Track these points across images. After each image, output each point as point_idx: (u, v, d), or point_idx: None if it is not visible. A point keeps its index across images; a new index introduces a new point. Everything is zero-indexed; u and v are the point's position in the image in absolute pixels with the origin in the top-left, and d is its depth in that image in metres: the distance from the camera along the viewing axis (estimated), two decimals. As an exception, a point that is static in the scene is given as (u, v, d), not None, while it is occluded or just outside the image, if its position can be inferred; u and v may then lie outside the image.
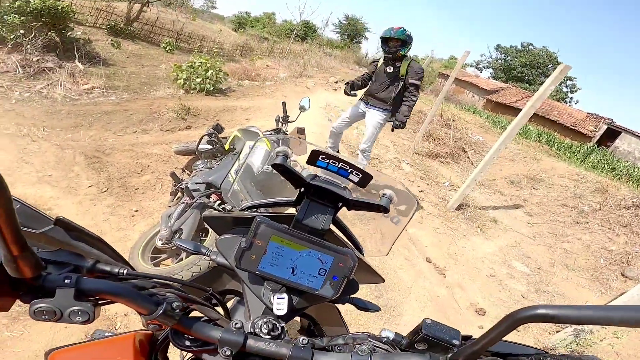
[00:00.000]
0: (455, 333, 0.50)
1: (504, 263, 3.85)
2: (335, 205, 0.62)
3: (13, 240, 0.34)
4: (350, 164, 0.58)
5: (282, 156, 0.59)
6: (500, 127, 10.57)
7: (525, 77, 30.29)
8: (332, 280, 0.59)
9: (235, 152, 2.71)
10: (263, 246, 0.56)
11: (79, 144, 3.83)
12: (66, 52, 7.73)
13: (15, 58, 6.35)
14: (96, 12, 11.66)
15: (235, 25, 30.31)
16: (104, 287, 0.44)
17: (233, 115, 5.91)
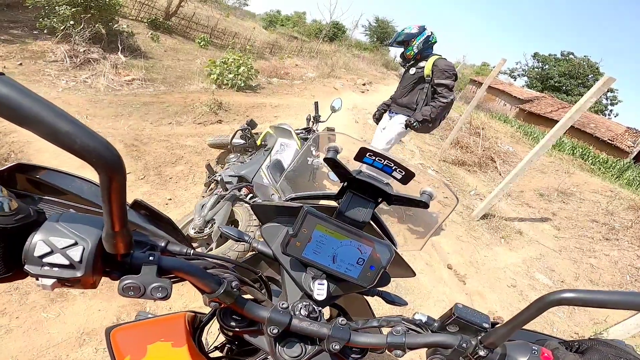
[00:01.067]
0: (485, 317, 0.53)
1: (527, 274, 3.78)
2: (376, 200, 0.66)
3: (118, 217, 0.36)
4: (395, 161, 0.61)
5: (333, 151, 0.63)
6: (533, 138, 10.18)
7: (562, 87, 28.90)
8: (369, 270, 0.62)
9: (267, 148, 2.78)
10: (308, 234, 0.60)
11: (118, 132, 4.05)
12: (110, 44, 8.14)
13: (63, 48, 6.76)
14: (139, 5, 12.16)
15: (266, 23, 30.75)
16: (180, 265, 0.47)
17: (262, 112, 6.03)
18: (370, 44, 32.41)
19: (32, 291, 1.86)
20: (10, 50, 6.54)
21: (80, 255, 0.38)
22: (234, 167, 2.63)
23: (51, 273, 0.38)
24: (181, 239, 0.61)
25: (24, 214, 0.39)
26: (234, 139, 2.92)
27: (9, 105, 0.28)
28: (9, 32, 7.62)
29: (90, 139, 0.30)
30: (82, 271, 0.39)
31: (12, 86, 0.29)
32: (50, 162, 3.18)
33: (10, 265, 0.39)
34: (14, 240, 0.38)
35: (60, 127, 0.29)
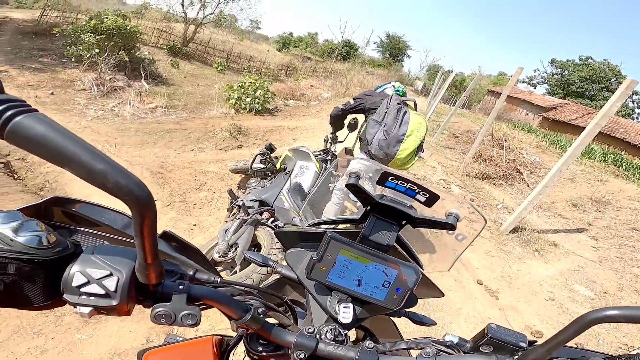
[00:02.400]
0: (522, 336, 0.51)
1: (565, 287, 3.59)
2: (399, 223, 0.65)
3: (150, 250, 0.38)
4: (418, 184, 0.61)
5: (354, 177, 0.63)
6: (560, 147, 9.83)
7: (585, 93, 28.03)
8: (395, 293, 0.62)
9: (286, 171, 2.80)
10: (332, 259, 0.61)
11: (145, 161, 4.18)
12: (134, 71, 8.56)
13: (91, 77, 7.16)
14: (157, 32, 12.83)
15: (279, 45, 31.77)
16: (208, 294, 0.49)
17: (281, 135, 6.11)
18: (383, 60, 32.74)
19: (66, 313, 1.92)
20: (41, 79, 6.98)
21: (115, 285, 0.41)
22: (255, 192, 2.66)
23: (88, 302, 0.41)
24: (208, 267, 0.62)
25: (61, 247, 0.42)
26: (254, 163, 2.95)
27: (45, 144, 0.29)
28: (39, 60, 8.18)
29: (123, 178, 0.32)
30: (117, 300, 0.41)
31: (48, 124, 0.30)
32: (82, 191, 3.30)
33: (50, 294, 0.42)
34: (53, 271, 0.41)
35: (95, 166, 0.30)
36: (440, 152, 7.54)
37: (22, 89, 6.39)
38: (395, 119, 2.52)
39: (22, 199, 2.93)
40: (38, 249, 0.39)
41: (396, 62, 33.47)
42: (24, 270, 0.39)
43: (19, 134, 0.29)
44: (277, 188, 2.56)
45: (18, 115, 0.29)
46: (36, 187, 3.34)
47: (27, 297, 0.41)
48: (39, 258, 0.39)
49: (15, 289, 0.39)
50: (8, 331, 1.75)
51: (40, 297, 0.41)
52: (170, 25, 14.22)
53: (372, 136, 2.54)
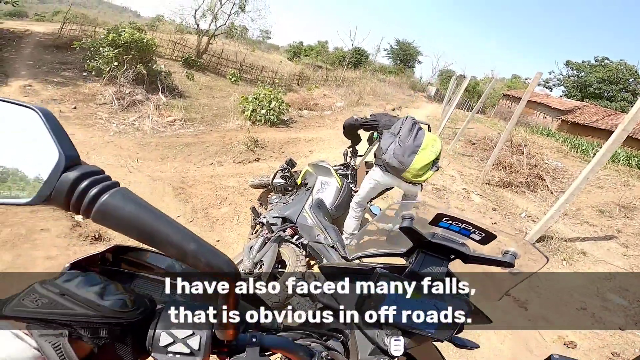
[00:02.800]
0: None
1: (597, 296, 3.48)
2: (449, 258, 0.65)
3: (232, 315, 0.42)
4: (473, 224, 0.60)
5: (408, 219, 0.63)
6: (581, 151, 9.56)
7: (604, 94, 27.35)
8: (446, 325, 0.62)
9: (307, 187, 2.81)
10: (382, 295, 0.61)
11: (166, 175, 4.25)
12: (151, 84, 8.77)
13: (111, 90, 7.35)
14: (172, 44, 13.15)
15: (290, 55, 32.14)
16: (278, 343, 0.51)
17: (297, 147, 6.13)
18: (394, 67, 32.69)
19: None
20: (64, 93, 7.21)
21: (199, 344, 0.43)
22: (277, 209, 2.68)
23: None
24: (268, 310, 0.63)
25: (143, 307, 0.44)
26: (275, 179, 2.97)
27: (136, 225, 0.29)
28: (61, 74, 8.47)
29: (214, 258, 0.34)
30: (201, 357, 0.43)
31: (135, 202, 0.30)
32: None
33: (138, 352, 0.44)
34: (139, 330, 0.43)
35: (187, 247, 0.32)
36: (458, 160, 7.42)
37: (46, 103, 6.61)
38: (409, 132, 2.55)
39: (51, 216, 2.97)
40: (124, 312, 0.41)
41: (407, 68, 33.36)
42: (114, 332, 0.41)
43: (107, 213, 0.28)
44: (300, 204, 2.57)
45: (104, 194, 0.28)
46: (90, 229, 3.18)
47: (119, 357, 0.43)
48: (126, 320, 0.41)
49: (108, 350, 0.42)
50: None
51: (130, 355, 0.44)
52: (184, 37, 14.58)
53: (386, 146, 2.56)
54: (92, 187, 0.29)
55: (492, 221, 4.85)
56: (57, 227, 2.83)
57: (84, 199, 0.29)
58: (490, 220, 4.90)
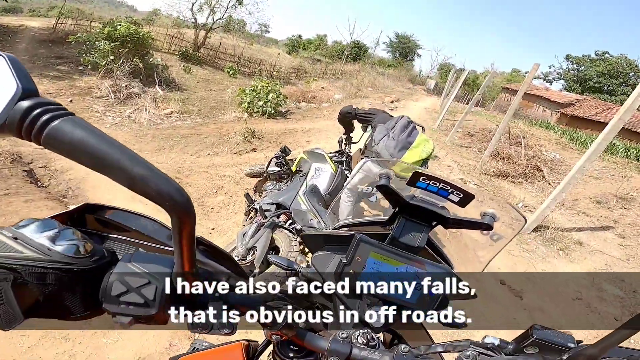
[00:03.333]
0: (569, 337, 0.50)
1: (593, 286, 3.50)
2: (430, 224, 0.64)
3: (188, 258, 0.39)
4: (451, 184, 0.59)
5: (385, 178, 0.62)
6: (580, 143, 9.55)
7: (604, 88, 27.30)
8: (428, 296, 0.60)
9: (302, 173, 2.80)
10: (362, 262, 0.60)
11: (162, 166, 4.23)
12: (148, 77, 8.71)
13: (107, 84, 7.30)
14: (169, 38, 13.03)
15: (289, 48, 31.91)
16: (243, 300, 0.48)
17: (294, 138, 6.12)
18: (393, 60, 32.50)
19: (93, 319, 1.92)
20: (60, 87, 7.16)
21: (154, 294, 0.41)
22: (272, 195, 2.67)
23: (127, 311, 0.41)
24: (240, 272, 0.62)
25: (98, 255, 0.41)
26: (269, 167, 2.97)
27: (84, 149, 0.28)
28: (56, 68, 8.41)
29: (164, 184, 0.31)
30: (156, 309, 0.41)
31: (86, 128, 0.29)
32: (104, 196, 3.37)
33: (89, 304, 0.41)
34: (91, 280, 0.41)
35: (136, 172, 0.30)
36: (455, 151, 7.42)
37: (42, 97, 6.59)
38: (404, 128, 2.56)
39: (46, 205, 2.99)
40: (76, 258, 0.39)
41: (406, 61, 33.17)
42: (63, 280, 0.38)
43: (57, 139, 0.28)
44: (294, 191, 2.56)
45: (55, 120, 0.28)
46: (59, 194, 3.41)
47: (67, 308, 0.40)
48: (77, 267, 0.39)
49: (55, 299, 0.39)
50: (36, 336, 1.77)
51: (80, 307, 0.41)
52: (181, 31, 14.44)
53: (379, 138, 2.56)
54: (44, 114, 0.29)
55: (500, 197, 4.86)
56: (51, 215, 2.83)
57: (35, 124, 0.28)
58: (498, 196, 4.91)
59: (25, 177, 3.45)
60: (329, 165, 2.77)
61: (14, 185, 3.17)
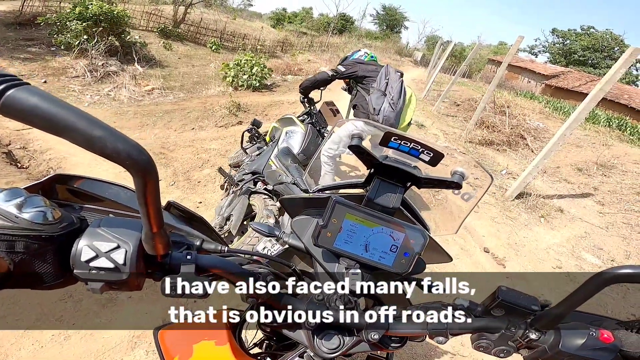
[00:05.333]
0: (533, 299, 0.51)
1: (572, 254, 3.60)
2: (404, 184, 0.64)
3: (155, 219, 0.38)
4: (422, 143, 0.59)
5: (357, 138, 0.62)
6: (563, 113, 9.72)
7: (588, 61, 27.58)
8: (403, 257, 0.61)
9: (274, 140, 2.81)
10: (338, 224, 0.59)
11: (146, 142, 4.14)
12: (126, 55, 8.33)
13: (83, 63, 6.96)
14: (147, 15, 12.33)
15: (273, 22, 30.75)
16: (216, 263, 0.48)
17: (281, 109, 6.02)
18: (380, 33, 31.79)
19: (84, 298, 1.93)
20: (32, 68, 6.80)
21: (124, 258, 0.41)
22: (245, 166, 2.69)
23: (98, 277, 0.41)
24: (215, 236, 0.62)
25: (67, 221, 0.41)
26: (243, 142, 2.98)
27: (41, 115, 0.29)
28: (27, 50, 7.92)
29: (122, 143, 0.31)
30: (127, 273, 0.41)
31: (41, 95, 0.29)
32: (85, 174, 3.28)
33: (61, 272, 0.41)
34: (61, 248, 0.40)
35: (93, 133, 0.30)
36: (442, 120, 7.47)
37: (14, 78, 6.27)
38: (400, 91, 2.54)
39: (26, 184, 2.93)
40: (44, 224, 0.38)
41: (394, 33, 32.52)
42: (32, 247, 0.38)
43: (13, 106, 0.28)
44: (266, 156, 2.57)
45: (10, 89, 0.29)
46: (40, 175, 3.32)
47: (39, 276, 0.40)
48: (46, 234, 0.38)
49: (25, 267, 0.39)
50: (31, 319, 1.76)
51: (51, 275, 0.41)
52: (159, 8, 13.68)
53: (379, 105, 2.54)
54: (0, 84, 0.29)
55: (474, 177, 4.95)
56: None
57: None
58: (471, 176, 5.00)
59: (5, 159, 3.35)
60: (298, 126, 2.81)
61: (-9, 170, 3.08)
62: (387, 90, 2.54)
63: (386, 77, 2.57)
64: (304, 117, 3.08)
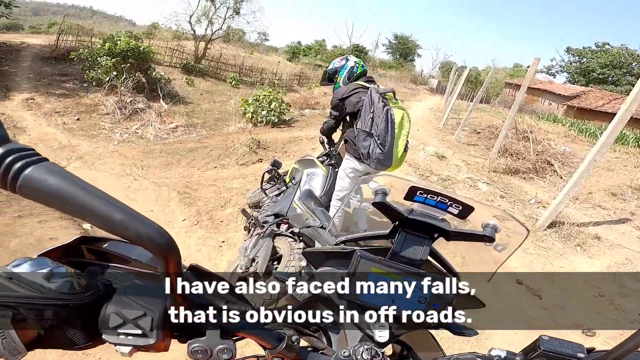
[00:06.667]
0: (579, 347, 0.49)
1: (614, 281, 3.41)
2: (431, 236, 0.63)
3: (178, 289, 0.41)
4: (449, 196, 0.58)
5: (381, 194, 0.61)
6: (589, 135, 9.41)
7: (608, 79, 27.07)
8: (432, 307, 0.59)
9: (296, 182, 2.82)
10: (364, 277, 0.59)
11: (171, 181, 4.26)
12: (152, 92, 8.80)
13: (112, 100, 7.39)
14: (170, 51, 13.15)
15: (289, 55, 32.07)
16: (241, 326, 0.49)
17: (300, 146, 6.11)
18: (394, 62, 32.51)
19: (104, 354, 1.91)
20: (66, 105, 7.27)
21: (150, 325, 0.42)
22: (268, 207, 2.71)
23: (127, 341, 0.42)
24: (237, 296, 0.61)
25: (93, 289, 0.43)
26: (263, 183, 3.01)
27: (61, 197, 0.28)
28: (62, 85, 8.54)
29: (143, 227, 0.32)
30: (154, 339, 0.42)
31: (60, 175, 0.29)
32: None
33: (90, 335, 0.43)
34: (89, 313, 0.42)
35: (113, 217, 0.30)
36: (462, 149, 7.35)
37: (49, 116, 6.69)
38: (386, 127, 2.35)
39: (60, 225, 3.01)
40: (71, 294, 0.40)
41: (407, 62, 33.14)
42: (60, 315, 0.40)
43: (31, 187, 0.28)
44: (289, 198, 2.59)
45: (28, 167, 0.28)
46: None
47: (70, 339, 0.43)
48: (73, 303, 0.41)
49: (56, 332, 0.41)
50: None
51: (81, 338, 0.43)
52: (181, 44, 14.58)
53: (366, 150, 2.41)
54: (16, 161, 0.28)
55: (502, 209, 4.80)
56: (65, 235, 2.87)
57: (9, 173, 0.28)
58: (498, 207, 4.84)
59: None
60: (319, 168, 2.82)
61: (28, 206, 3.20)
62: (373, 128, 2.36)
63: (370, 111, 2.37)
64: (323, 158, 3.09)
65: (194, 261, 2.13)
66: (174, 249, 0.36)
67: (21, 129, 5.82)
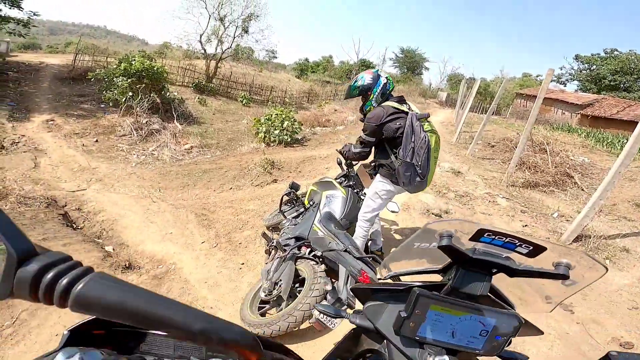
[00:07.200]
0: None
1: None
2: (491, 272, 0.62)
3: None
4: (519, 237, 0.56)
5: (447, 237, 0.60)
6: (607, 144, 9.16)
7: (620, 85, 26.68)
8: (494, 340, 0.60)
9: (314, 204, 2.82)
10: (422, 315, 0.59)
11: (188, 203, 4.28)
12: (166, 112, 8.98)
13: (129, 121, 7.54)
14: (182, 71, 13.51)
15: (297, 72, 32.68)
16: None
17: (313, 165, 6.10)
18: (402, 76, 32.75)
19: None
20: (85, 126, 7.44)
21: None
22: (289, 230, 2.70)
23: None
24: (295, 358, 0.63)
25: None
26: (282, 205, 3.01)
27: (127, 310, 0.26)
28: (80, 107, 8.76)
29: (227, 333, 0.31)
30: None
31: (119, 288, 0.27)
32: (136, 237, 3.42)
33: None
34: None
35: (193, 327, 0.29)
36: (478, 164, 7.23)
37: (69, 138, 6.86)
38: (427, 157, 2.33)
39: (84, 248, 3.04)
40: None
41: (415, 75, 33.33)
42: None
43: (87, 303, 0.26)
44: (309, 221, 2.59)
45: (78, 283, 0.26)
46: (94, 235, 3.48)
47: None
48: None
49: None
50: None
51: None
52: (193, 63, 14.96)
53: (407, 178, 2.39)
54: (59, 277, 0.27)
55: (523, 223, 4.67)
56: (89, 258, 2.89)
57: (55, 291, 0.26)
58: (520, 222, 4.71)
59: (61, 220, 3.54)
60: (339, 190, 2.83)
61: (51, 229, 3.25)
62: (414, 159, 2.32)
63: (412, 140, 2.31)
64: (341, 179, 3.09)
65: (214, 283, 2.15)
66: (258, 349, 0.34)
67: (42, 151, 5.98)
